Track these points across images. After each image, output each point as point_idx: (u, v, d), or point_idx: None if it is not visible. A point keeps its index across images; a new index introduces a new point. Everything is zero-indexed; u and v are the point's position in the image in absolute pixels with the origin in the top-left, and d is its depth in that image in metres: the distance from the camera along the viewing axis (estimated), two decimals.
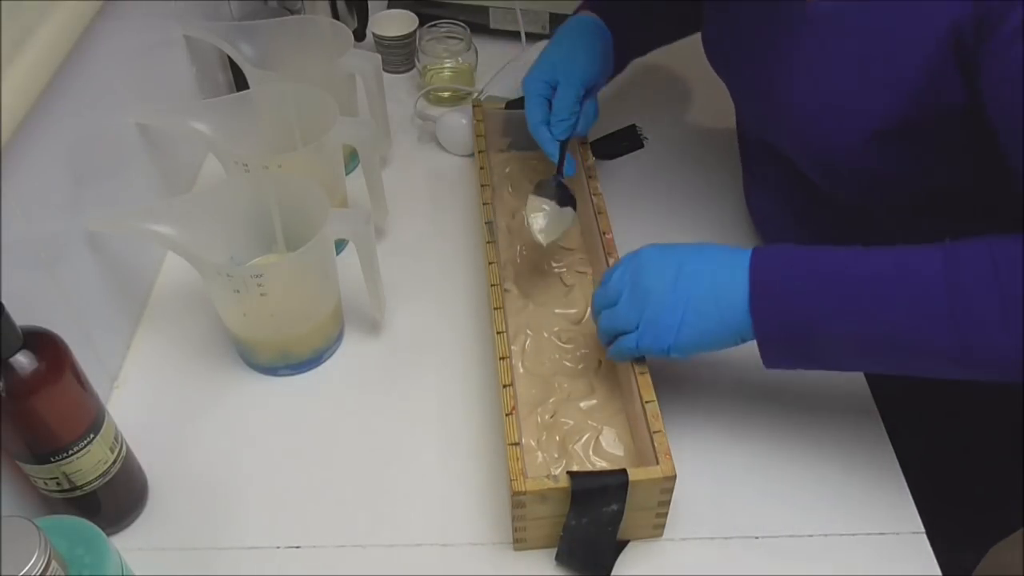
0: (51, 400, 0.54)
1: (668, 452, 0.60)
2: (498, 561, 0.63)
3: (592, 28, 0.83)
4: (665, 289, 0.61)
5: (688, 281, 0.61)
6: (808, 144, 0.66)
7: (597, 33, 0.83)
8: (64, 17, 0.64)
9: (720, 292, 0.60)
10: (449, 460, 0.69)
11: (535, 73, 0.82)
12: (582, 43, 0.82)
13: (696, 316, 0.60)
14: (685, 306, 0.61)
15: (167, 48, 0.87)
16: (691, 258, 0.62)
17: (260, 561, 0.63)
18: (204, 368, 0.76)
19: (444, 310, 0.81)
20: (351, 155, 0.94)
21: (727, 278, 0.60)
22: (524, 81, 0.82)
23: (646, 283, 0.62)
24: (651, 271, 0.63)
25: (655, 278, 0.62)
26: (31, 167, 0.62)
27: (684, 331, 0.61)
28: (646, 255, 0.64)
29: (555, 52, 0.82)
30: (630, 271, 0.64)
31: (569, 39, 0.83)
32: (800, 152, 0.67)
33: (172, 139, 0.86)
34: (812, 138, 0.65)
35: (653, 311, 0.62)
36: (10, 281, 0.58)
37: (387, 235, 0.88)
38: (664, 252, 0.64)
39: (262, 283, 0.67)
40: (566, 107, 0.79)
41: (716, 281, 0.60)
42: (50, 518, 0.50)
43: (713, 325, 0.60)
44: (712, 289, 0.60)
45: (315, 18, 0.92)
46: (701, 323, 0.61)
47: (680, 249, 0.64)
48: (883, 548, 0.63)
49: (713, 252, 0.62)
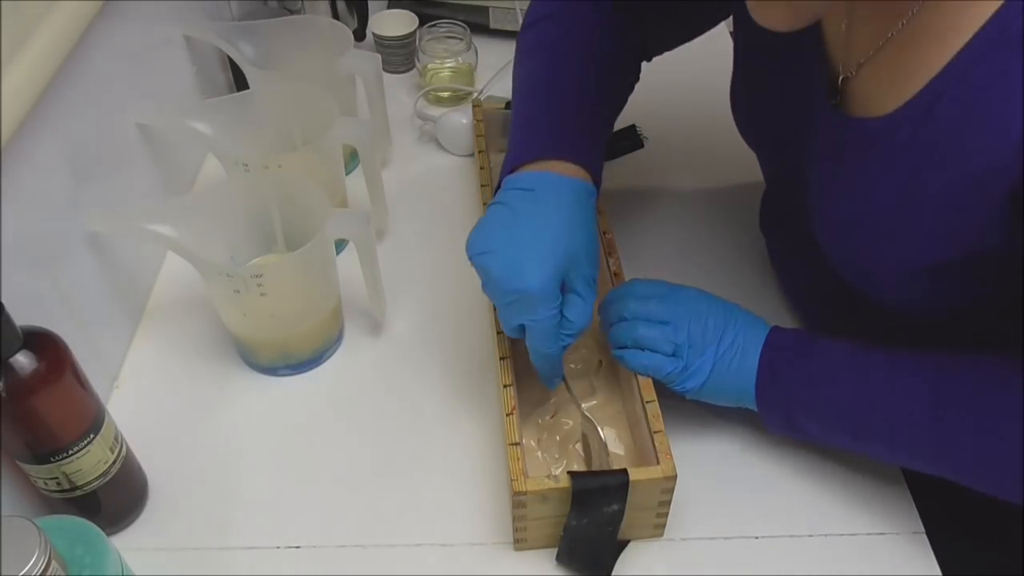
0: (51, 400, 0.54)
1: (669, 452, 0.60)
2: (498, 561, 0.63)
3: (591, 198, 0.66)
4: (710, 339, 0.64)
5: (727, 339, 0.64)
6: (838, 250, 0.63)
7: (594, 202, 0.67)
8: (64, 17, 0.64)
9: (738, 371, 0.64)
10: (449, 460, 0.69)
11: (541, 272, 0.59)
12: (589, 223, 0.64)
13: (719, 374, 0.64)
14: (717, 357, 0.64)
15: (167, 48, 0.87)
16: (732, 321, 0.65)
17: (260, 561, 0.63)
18: (204, 368, 0.76)
19: (444, 310, 0.81)
20: (351, 155, 0.94)
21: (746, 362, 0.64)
22: (521, 284, 0.59)
23: (701, 324, 0.64)
24: (710, 316, 0.64)
25: (711, 325, 0.64)
26: (31, 167, 0.62)
27: (709, 381, 0.64)
28: (704, 299, 0.66)
29: (560, 243, 0.61)
30: (690, 305, 0.65)
31: (574, 222, 0.63)
32: (828, 250, 0.64)
33: (172, 139, 0.86)
34: (844, 252, 0.63)
35: (696, 350, 0.64)
36: (10, 281, 0.58)
37: (387, 235, 0.88)
38: (712, 302, 0.66)
39: (262, 283, 0.67)
40: (587, 315, 0.63)
41: (739, 362, 0.64)
42: (50, 518, 0.50)
43: (728, 390, 0.65)
44: (733, 363, 0.64)
45: (315, 18, 0.92)
46: (721, 382, 0.64)
47: (724, 307, 0.66)
48: (883, 548, 0.63)
49: (741, 323, 0.65)
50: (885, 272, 0.59)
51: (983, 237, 0.51)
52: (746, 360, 0.63)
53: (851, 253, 0.62)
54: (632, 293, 0.67)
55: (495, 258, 0.61)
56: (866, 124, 0.57)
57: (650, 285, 0.67)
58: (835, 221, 0.62)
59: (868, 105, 0.58)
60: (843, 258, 0.63)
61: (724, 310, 0.65)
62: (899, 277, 0.58)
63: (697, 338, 0.64)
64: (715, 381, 0.64)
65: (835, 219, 0.62)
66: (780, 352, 0.63)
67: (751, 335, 0.64)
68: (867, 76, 0.59)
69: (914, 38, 0.54)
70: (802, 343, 0.64)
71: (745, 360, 0.63)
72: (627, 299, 0.66)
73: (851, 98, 0.60)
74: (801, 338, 0.64)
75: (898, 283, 0.59)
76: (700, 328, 0.64)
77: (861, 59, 0.58)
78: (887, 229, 0.57)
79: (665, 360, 0.64)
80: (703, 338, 0.64)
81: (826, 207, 0.63)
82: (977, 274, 0.55)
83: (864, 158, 0.57)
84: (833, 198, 0.62)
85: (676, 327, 0.64)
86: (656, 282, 0.68)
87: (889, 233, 0.57)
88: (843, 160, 0.60)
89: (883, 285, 0.60)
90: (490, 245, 0.62)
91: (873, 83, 0.58)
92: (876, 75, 0.58)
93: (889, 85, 0.56)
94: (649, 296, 0.66)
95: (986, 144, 0.48)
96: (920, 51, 0.53)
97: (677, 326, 0.64)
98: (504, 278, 0.60)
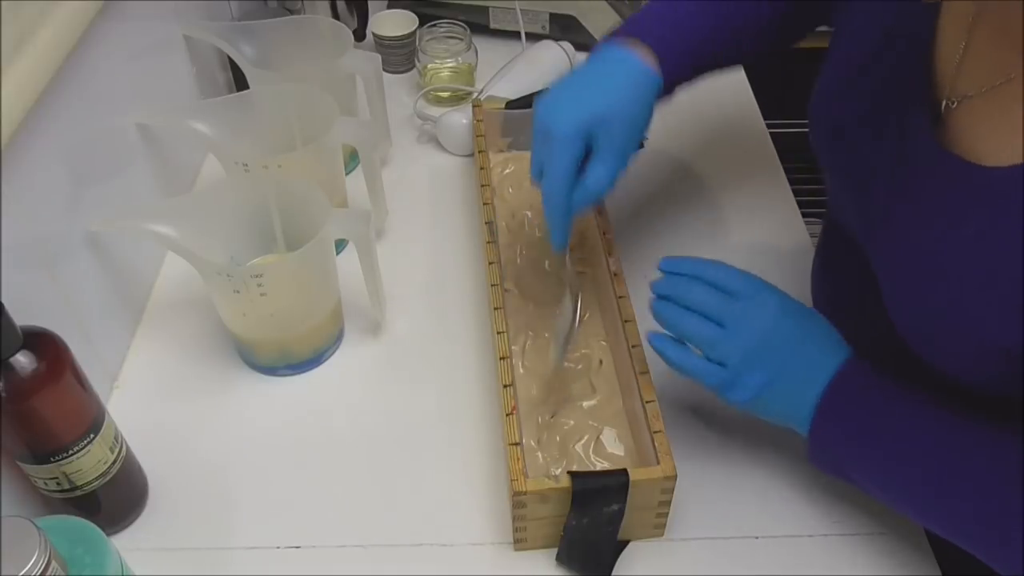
0: (51, 400, 0.54)
1: (669, 452, 0.59)
2: (498, 561, 0.63)
3: (650, 85, 0.66)
4: (769, 363, 0.58)
5: (790, 368, 0.58)
6: (908, 311, 0.56)
7: (652, 90, 0.66)
8: (64, 17, 0.63)
9: (794, 401, 0.58)
10: (449, 460, 0.69)
11: (571, 116, 0.62)
12: (637, 102, 0.65)
13: (771, 398, 0.59)
14: (774, 378, 0.58)
15: (167, 48, 0.87)
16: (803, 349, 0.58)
17: (260, 561, 0.63)
18: (204, 368, 0.76)
19: (444, 310, 0.81)
20: (351, 155, 0.94)
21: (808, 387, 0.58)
22: (551, 121, 0.62)
23: (765, 347, 0.58)
24: (779, 339, 0.58)
25: (776, 349, 0.58)
26: (31, 167, 0.62)
27: (760, 397, 0.59)
28: (780, 317, 0.58)
29: (599, 99, 0.63)
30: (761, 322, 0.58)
31: (621, 90, 0.64)
32: (897, 305, 0.57)
33: (172, 139, 0.86)
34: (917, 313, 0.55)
35: (749, 366, 0.58)
36: (10, 281, 0.58)
37: (387, 235, 0.88)
38: (788, 326, 0.59)
39: (262, 283, 0.67)
40: (603, 181, 0.63)
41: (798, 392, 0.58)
42: (50, 518, 0.50)
43: (778, 415, 0.60)
44: (791, 391, 0.58)
45: (315, 18, 0.92)
46: (771, 405, 0.59)
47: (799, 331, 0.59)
48: (883, 548, 0.63)
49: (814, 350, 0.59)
50: (964, 343, 0.52)
51: None
52: (807, 392, 0.57)
53: (928, 310, 0.54)
54: (703, 274, 0.60)
55: (542, 99, 0.65)
56: (978, 171, 0.51)
57: (730, 275, 0.60)
58: (917, 274, 0.55)
59: (975, 147, 0.52)
60: (896, 308, 0.57)
61: (799, 336, 0.58)
62: (980, 353, 0.52)
63: (754, 357, 0.57)
64: (764, 402, 0.58)
65: (917, 272, 0.55)
66: (847, 397, 0.57)
67: (820, 365, 0.57)
68: (974, 112, 0.53)
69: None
70: (873, 391, 0.57)
71: (806, 391, 0.57)
72: (694, 281, 0.60)
73: (951, 133, 0.54)
74: (872, 386, 0.57)
75: (975, 360, 0.52)
76: (761, 349, 0.57)
77: (970, 91, 0.53)
78: (988, 297, 0.50)
79: (709, 368, 0.58)
80: (761, 359, 0.57)
81: (908, 255, 0.56)
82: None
83: (967, 207, 0.51)
84: (919, 246, 0.54)
85: (733, 336, 0.57)
86: (739, 274, 0.60)
87: (991, 302, 0.50)
88: (942, 204, 0.53)
89: (954, 356, 0.54)
90: (548, 93, 0.66)
91: (983, 123, 0.52)
92: (984, 117, 0.52)
93: (1000, 136, 0.50)
94: (721, 286, 0.59)
95: None
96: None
97: (735, 336, 0.57)
98: (538, 114, 0.64)
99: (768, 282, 0.61)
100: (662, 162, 0.96)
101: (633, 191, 0.92)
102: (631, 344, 0.67)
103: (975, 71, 0.53)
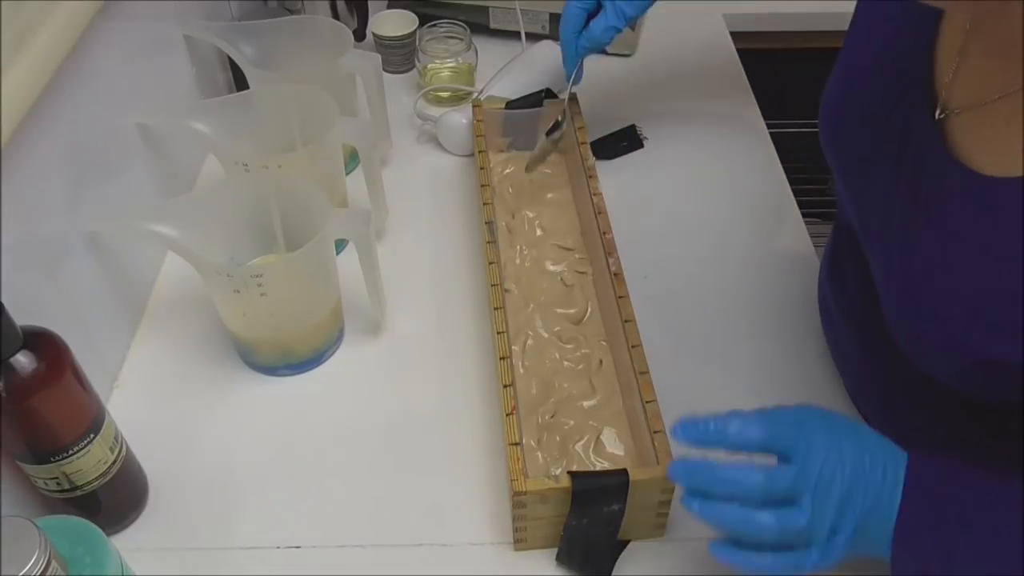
0: (51, 400, 0.54)
1: (669, 452, 0.59)
2: (498, 561, 0.63)
3: None
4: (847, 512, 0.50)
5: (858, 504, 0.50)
6: (903, 311, 0.55)
7: None
8: (64, 17, 0.64)
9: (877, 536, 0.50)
10: (449, 460, 0.69)
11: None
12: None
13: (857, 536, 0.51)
14: (854, 533, 0.50)
15: (167, 48, 0.87)
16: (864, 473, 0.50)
17: (260, 561, 0.63)
18: (204, 368, 0.76)
19: (444, 310, 0.81)
20: (351, 155, 0.94)
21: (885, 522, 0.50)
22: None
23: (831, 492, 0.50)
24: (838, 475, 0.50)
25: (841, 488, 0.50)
26: (31, 167, 0.62)
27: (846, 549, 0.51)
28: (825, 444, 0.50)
29: None
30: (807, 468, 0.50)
31: None
32: (893, 305, 0.56)
33: (172, 139, 0.86)
34: (912, 314, 0.54)
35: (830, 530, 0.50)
36: (10, 281, 0.58)
37: (387, 235, 0.88)
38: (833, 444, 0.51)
39: (262, 283, 0.67)
40: (606, 34, 0.80)
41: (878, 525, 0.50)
42: (50, 518, 0.50)
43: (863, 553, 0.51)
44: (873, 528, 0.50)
45: (315, 18, 0.92)
46: (858, 546, 0.51)
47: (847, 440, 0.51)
48: None
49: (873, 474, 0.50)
50: (937, 361, 0.51)
51: None
52: (886, 526, 0.50)
53: (920, 315, 0.53)
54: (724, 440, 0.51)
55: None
56: (980, 180, 0.50)
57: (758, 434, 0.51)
58: (915, 274, 0.54)
59: (974, 155, 0.51)
60: (906, 317, 0.55)
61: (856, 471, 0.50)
62: (964, 362, 0.50)
63: (830, 523, 0.50)
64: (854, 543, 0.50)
65: (917, 273, 0.54)
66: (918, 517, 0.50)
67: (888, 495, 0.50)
68: (973, 122, 0.53)
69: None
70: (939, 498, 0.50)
71: (884, 529, 0.50)
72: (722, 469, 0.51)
73: (952, 138, 0.53)
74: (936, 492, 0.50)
75: (960, 368, 0.51)
76: (833, 512, 0.49)
77: (966, 103, 0.52)
78: (974, 306, 0.49)
79: (790, 561, 0.50)
80: (837, 521, 0.50)
81: (908, 254, 0.54)
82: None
83: (968, 214, 0.50)
84: (920, 245, 0.54)
85: (800, 513, 0.50)
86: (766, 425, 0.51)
87: (977, 311, 0.49)
88: (944, 209, 0.52)
89: (940, 362, 0.52)
90: None
91: (977, 134, 0.52)
92: (982, 127, 0.52)
93: (999, 148, 0.50)
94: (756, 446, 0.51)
95: None
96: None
97: (800, 511, 0.50)
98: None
99: (796, 409, 0.53)
100: (662, 162, 0.96)
101: (633, 191, 0.92)
102: (631, 344, 0.67)
103: (970, 84, 0.53)
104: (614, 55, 1.11)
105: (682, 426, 0.52)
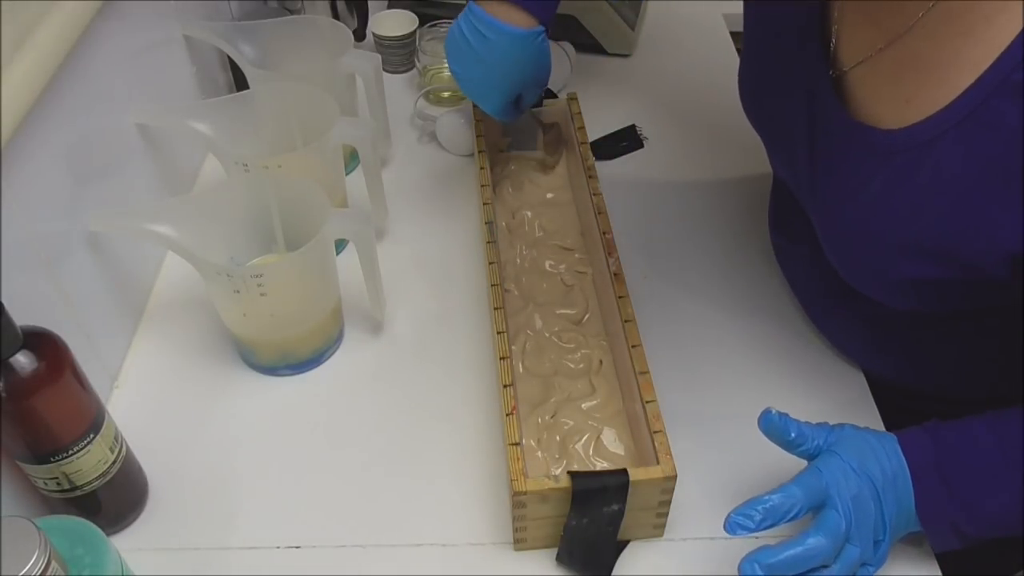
0: (51, 400, 0.54)
1: (669, 452, 0.60)
2: (498, 561, 0.63)
3: (535, 41, 0.76)
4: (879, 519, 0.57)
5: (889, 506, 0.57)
6: (840, 256, 0.62)
7: (537, 42, 0.76)
8: (64, 17, 0.63)
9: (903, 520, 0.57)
10: (449, 460, 0.69)
11: (502, 100, 0.79)
12: (535, 61, 0.78)
13: (894, 533, 0.58)
14: (890, 527, 0.57)
15: (167, 48, 0.87)
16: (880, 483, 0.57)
17: (260, 561, 0.63)
18: (204, 368, 0.76)
19: (444, 310, 0.81)
20: (351, 155, 0.94)
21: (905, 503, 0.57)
22: (490, 109, 0.80)
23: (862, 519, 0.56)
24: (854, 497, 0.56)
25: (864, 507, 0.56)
26: (31, 167, 0.62)
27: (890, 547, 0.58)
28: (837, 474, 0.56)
29: (512, 77, 0.77)
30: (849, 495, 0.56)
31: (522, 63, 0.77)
32: (831, 253, 0.63)
33: (172, 139, 0.86)
34: (846, 258, 0.61)
35: (870, 536, 0.57)
36: (10, 281, 0.58)
37: (387, 235, 0.88)
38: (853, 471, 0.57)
39: (262, 283, 0.67)
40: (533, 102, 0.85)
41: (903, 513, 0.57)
42: (50, 518, 0.50)
43: (900, 533, 0.59)
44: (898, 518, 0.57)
45: (315, 18, 0.92)
46: (897, 533, 0.58)
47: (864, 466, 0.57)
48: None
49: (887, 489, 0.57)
50: (873, 281, 0.59)
51: (985, 269, 0.51)
52: (908, 507, 0.57)
53: (852, 259, 0.61)
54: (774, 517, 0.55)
55: (465, 84, 0.79)
56: (875, 134, 0.56)
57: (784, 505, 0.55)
58: (838, 224, 0.61)
59: (866, 110, 0.57)
60: (832, 251, 0.63)
61: (870, 478, 0.57)
62: (898, 286, 0.57)
63: (873, 538, 0.57)
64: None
65: (838, 222, 0.61)
66: (929, 481, 0.56)
67: (901, 476, 0.57)
68: (862, 79, 0.58)
69: (913, 59, 0.53)
70: (937, 458, 0.56)
71: (908, 514, 0.57)
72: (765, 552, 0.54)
73: (848, 96, 0.59)
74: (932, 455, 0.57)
75: (888, 291, 0.58)
76: (872, 529, 0.56)
77: (853, 61, 0.57)
78: (888, 241, 0.56)
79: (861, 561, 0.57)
80: (879, 533, 0.57)
81: (830, 208, 0.62)
82: (979, 292, 0.55)
83: (870, 167, 0.56)
84: (837, 199, 0.61)
85: (855, 530, 0.56)
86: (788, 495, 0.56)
87: (890, 245, 0.56)
88: (850, 164, 0.58)
89: (870, 288, 0.60)
90: (459, 70, 0.78)
91: (869, 89, 0.57)
92: (872, 82, 0.57)
93: (889, 99, 0.55)
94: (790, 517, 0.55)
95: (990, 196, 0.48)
96: (921, 76, 0.52)
97: (854, 527, 0.56)
98: (472, 98, 0.81)
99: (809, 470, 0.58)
100: (661, 162, 0.96)
101: (633, 191, 0.92)
102: (631, 344, 0.67)
103: (853, 41, 0.58)
104: (614, 55, 1.11)
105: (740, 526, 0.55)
